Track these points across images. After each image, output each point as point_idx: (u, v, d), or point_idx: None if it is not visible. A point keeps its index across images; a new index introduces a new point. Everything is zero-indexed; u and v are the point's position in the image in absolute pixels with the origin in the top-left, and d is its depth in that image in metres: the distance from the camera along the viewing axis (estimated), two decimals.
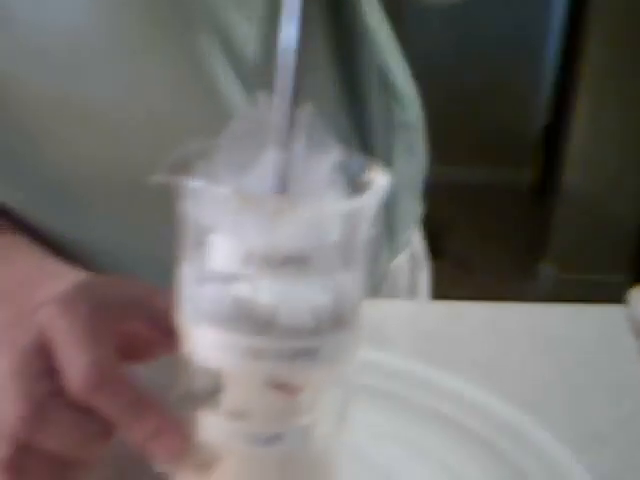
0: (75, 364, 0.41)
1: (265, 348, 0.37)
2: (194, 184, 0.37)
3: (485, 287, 2.22)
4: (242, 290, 0.37)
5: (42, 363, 0.42)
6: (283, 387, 0.39)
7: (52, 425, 0.41)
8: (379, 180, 0.38)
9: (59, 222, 0.62)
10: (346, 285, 0.38)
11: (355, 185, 0.38)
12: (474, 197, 2.82)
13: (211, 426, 0.40)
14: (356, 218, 0.38)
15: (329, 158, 0.38)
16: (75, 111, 0.57)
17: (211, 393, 0.39)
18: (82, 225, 0.62)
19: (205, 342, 0.38)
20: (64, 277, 0.51)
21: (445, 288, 0.85)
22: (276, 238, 0.36)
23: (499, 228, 2.71)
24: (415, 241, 0.80)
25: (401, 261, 0.77)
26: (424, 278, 0.83)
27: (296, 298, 0.37)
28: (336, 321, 0.38)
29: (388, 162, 0.71)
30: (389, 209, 0.72)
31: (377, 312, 0.46)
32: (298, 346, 0.37)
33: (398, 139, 0.72)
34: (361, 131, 0.68)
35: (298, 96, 0.37)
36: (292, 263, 0.36)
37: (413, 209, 0.76)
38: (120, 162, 0.60)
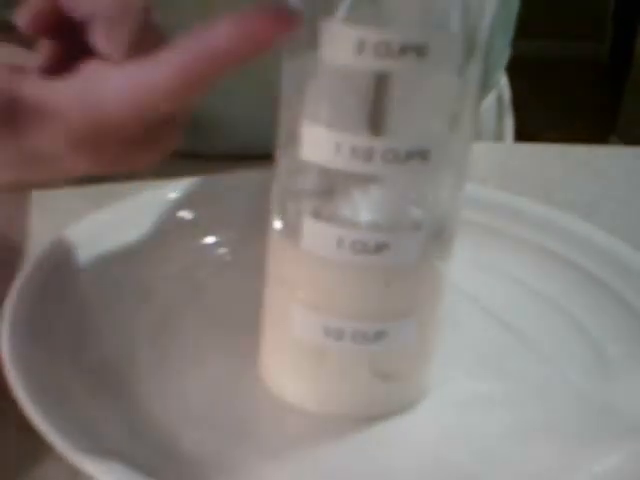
0: None
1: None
2: None
3: None
4: None
5: None
6: None
7: None
8: None
9: None
10: (465, 83, 0.34)
11: None
12: (543, 70, 2.73)
13: (317, 234, 0.37)
14: (478, 4, 0.34)
15: None
16: None
17: (323, 192, 0.35)
18: None
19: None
20: None
21: None
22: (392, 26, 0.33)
23: (568, 101, 2.62)
24: (503, 84, 0.76)
25: (488, 104, 0.73)
26: (510, 124, 0.79)
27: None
28: (453, 122, 0.35)
29: None
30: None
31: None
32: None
33: None
34: None
35: None
36: (410, 53, 0.32)
37: (504, 49, 0.72)
38: None
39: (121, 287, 0.46)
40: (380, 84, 0.33)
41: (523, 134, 0.86)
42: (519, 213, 0.52)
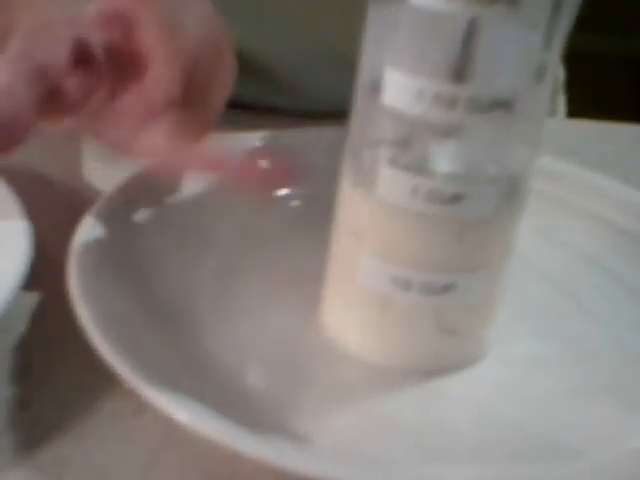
0: None
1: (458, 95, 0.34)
2: None
3: None
4: None
5: None
6: None
7: None
8: None
9: None
10: (552, 35, 0.34)
11: None
12: (583, 67, 2.70)
13: (392, 182, 0.37)
14: None
15: None
16: None
17: (400, 141, 0.35)
18: None
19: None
20: None
21: None
22: None
23: (608, 99, 2.59)
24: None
25: None
26: (562, 105, 0.78)
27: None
28: (537, 75, 0.35)
29: None
30: None
31: None
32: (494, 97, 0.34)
33: None
34: None
35: None
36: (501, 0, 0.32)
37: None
38: None
39: (190, 233, 0.46)
40: (468, 31, 0.33)
41: None
42: (579, 182, 0.52)
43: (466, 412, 0.39)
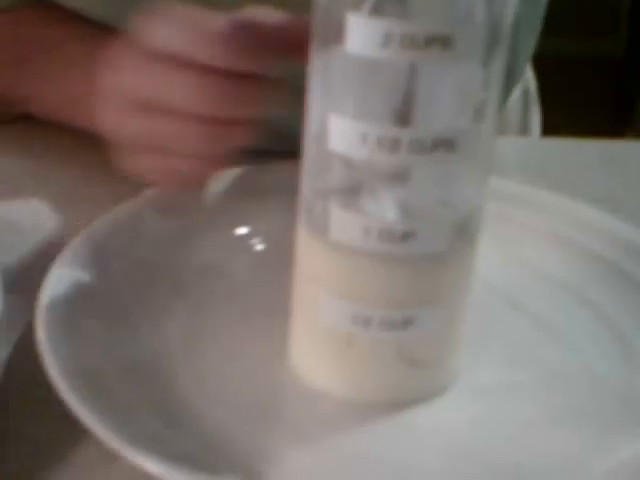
0: None
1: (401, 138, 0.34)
2: None
3: None
4: None
5: None
6: None
7: None
8: None
9: None
10: (489, 73, 0.34)
11: None
12: (557, 68, 2.69)
13: (344, 224, 0.37)
14: None
15: None
16: None
17: (349, 189, 0.35)
18: None
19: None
20: None
21: None
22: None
23: (583, 99, 2.59)
24: (528, 77, 0.75)
25: (514, 97, 0.72)
26: (536, 117, 0.77)
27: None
28: (477, 112, 0.35)
29: None
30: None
31: None
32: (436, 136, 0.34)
33: None
34: None
35: None
36: (435, 44, 0.32)
37: (531, 41, 0.70)
38: None
39: (154, 277, 0.46)
40: (406, 76, 0.33)
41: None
42: (546, 207, 0.51)
43: (433, 445, 0.39)
